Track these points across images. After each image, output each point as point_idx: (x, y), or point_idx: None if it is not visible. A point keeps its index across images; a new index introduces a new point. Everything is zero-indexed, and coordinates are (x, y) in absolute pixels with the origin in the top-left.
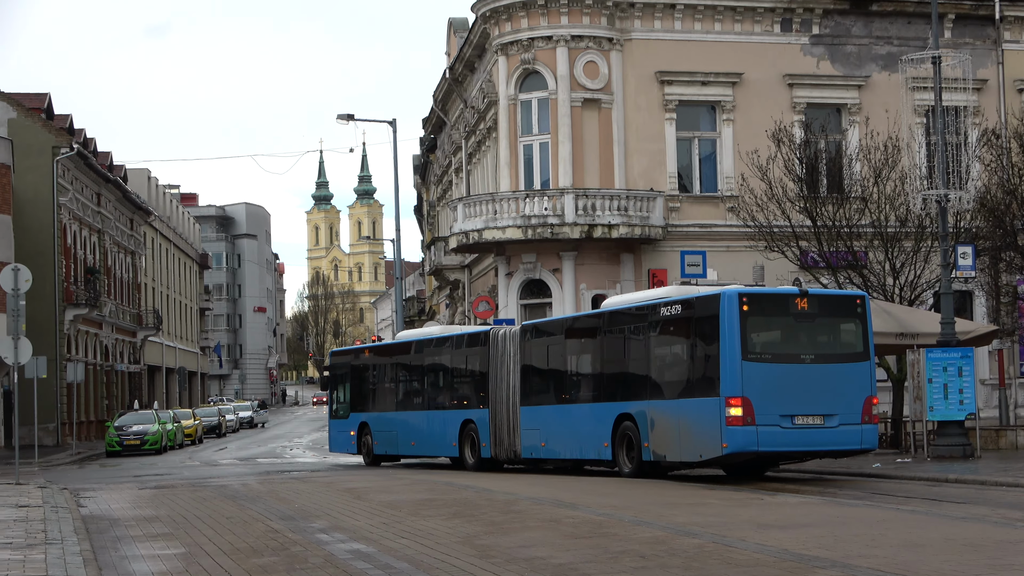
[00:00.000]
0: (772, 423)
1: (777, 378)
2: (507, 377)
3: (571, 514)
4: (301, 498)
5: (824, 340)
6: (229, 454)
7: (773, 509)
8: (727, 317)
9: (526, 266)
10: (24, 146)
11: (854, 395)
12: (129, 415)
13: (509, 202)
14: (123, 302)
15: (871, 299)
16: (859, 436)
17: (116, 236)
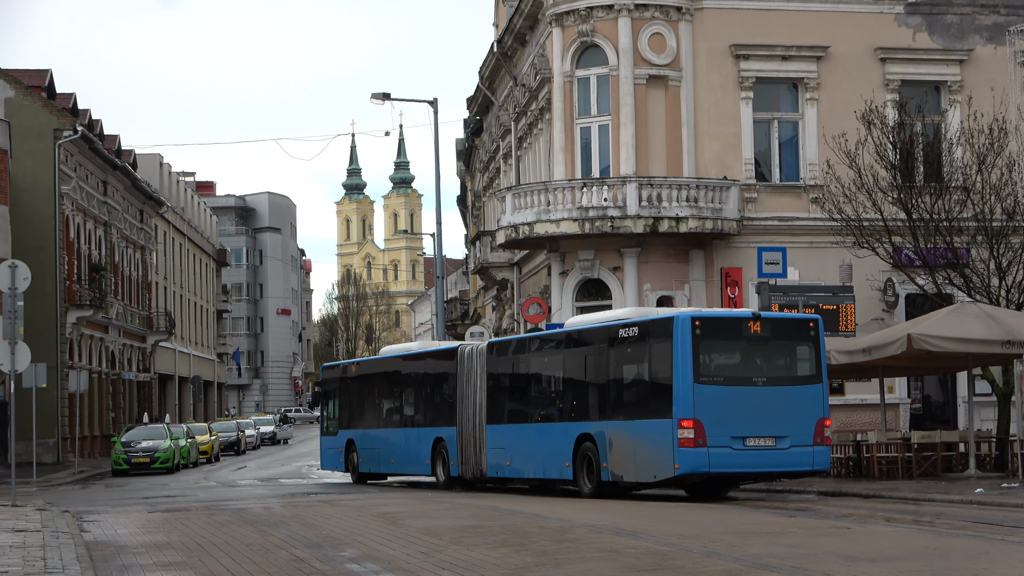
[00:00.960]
0: (724, 445)
1: (729, 400)
2: (474, 395)
3: (632, 544)
4: (329, 523)
5: (777, 363)
6: (249, 474)
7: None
8: (680, 340)
9: (583, 264)
10: (22, 128)
11: (806, 417)
12: (138, 430)
13: (564, 192)
14: (132, 303)
15: (975, 302)
16: (811, 458)
17: (124, 229)
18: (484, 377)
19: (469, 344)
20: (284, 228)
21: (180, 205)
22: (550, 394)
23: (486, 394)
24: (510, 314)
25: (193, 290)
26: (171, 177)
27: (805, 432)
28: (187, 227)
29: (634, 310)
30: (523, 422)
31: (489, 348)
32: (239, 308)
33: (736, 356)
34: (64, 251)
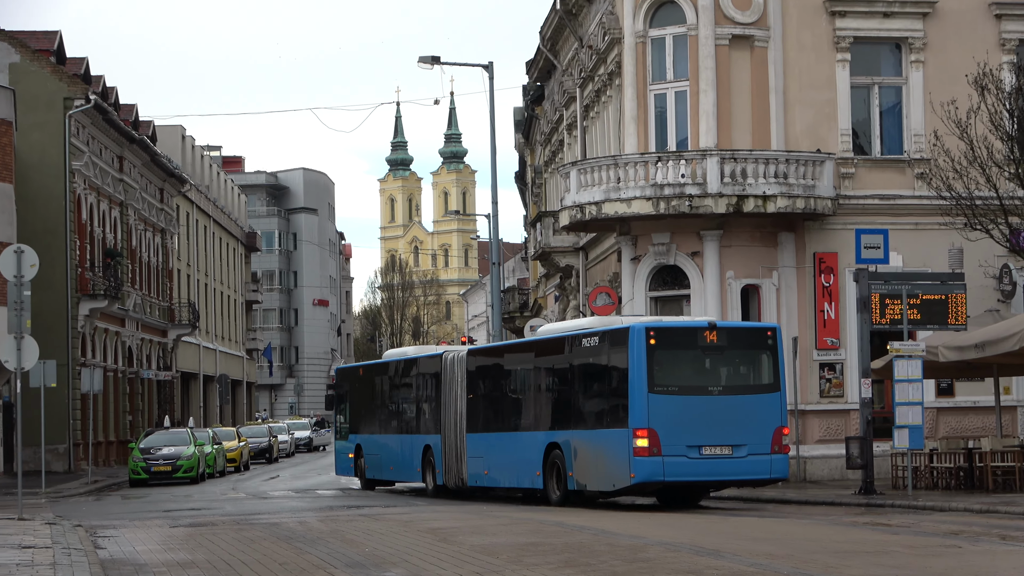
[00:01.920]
0: (679, 454)
1: (684, 410)
2: (455, 403)
3: (714, 564)
4: (373, 540)
5: (734, 372)
6: (282, 484)
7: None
8: (635, 350)
9: (657, 248)
10: (29, 97)
11: (764, 426)
12: (158, 434)
13: (636, 167)
14: (151, 293)
15: None
16: (768, 466)
17: (143, 210)
18: (465, 385)
19: (452, 350)
20: (321, 208)
21: (205, 183)
22: (523, 403)
23: (466, 402)
24: (575, 305)
25: (219, 278)
26: (195, 152)
27: (762, 440)
28: (212, 207)
29: (596, 320)
30: (499, 430)
31: (469, 355)
32: (271, 298)
33: (692, 365)
34: (75, 235)
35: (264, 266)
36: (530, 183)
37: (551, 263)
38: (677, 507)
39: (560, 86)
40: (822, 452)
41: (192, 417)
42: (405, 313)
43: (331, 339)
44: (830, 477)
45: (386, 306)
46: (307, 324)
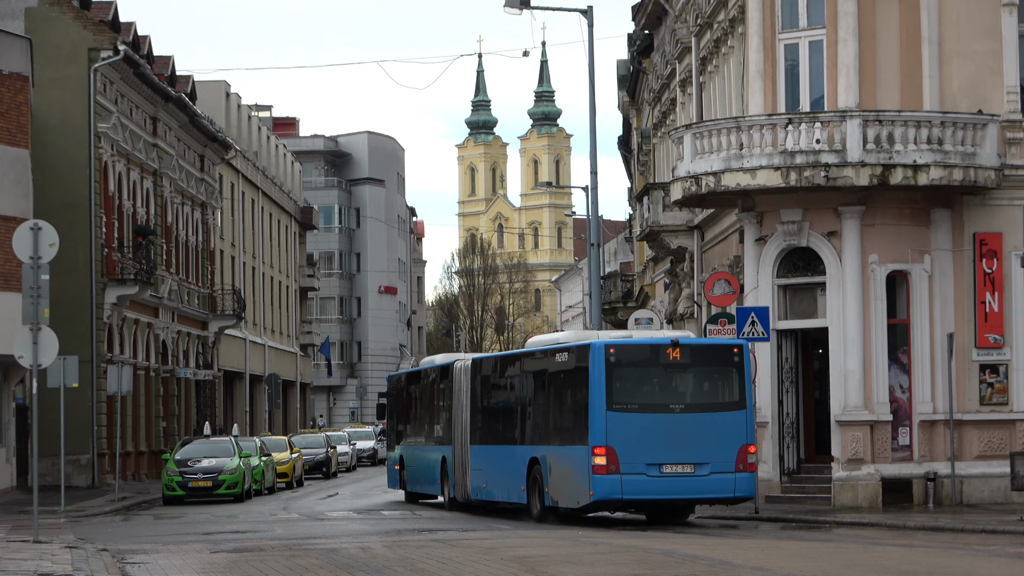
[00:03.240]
0: (638, 472)
1: (644, 428)
2: (462, 415)
3: None
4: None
5: (697, 389)
6: (342, 503)
7: None
8: (595, 368)
9: (787, 228)
10: (48, 48)
11: (728, 444)
12: (197, 444)
13: (762, 131)
14: (189, 278)
15: None
16: (732, 484)
17: (180, 180)
18: (469, 396)
19: (463, 359)
20: (389, 180)
21: (252, 149)
22: (513, 416)
23: (469, 414)
24: (688, 294)
25: (269, 261)
26: (240, 112)
27: (726, 459)
28: (261, 178)
29: (573, 334)
30: (495, 443)
31: (473, 365)
32: (329, 285)
33: (653, 383)
34: (101, 209)
35: (322, 247)
36: (636, 150)
37: (660, 244)
38: (665, 524)
39: (672, 35)
40: (981, 470)
41: (236, 424)
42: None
43: (399, 333)
44: (991, 500)
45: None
46: (372, 315)
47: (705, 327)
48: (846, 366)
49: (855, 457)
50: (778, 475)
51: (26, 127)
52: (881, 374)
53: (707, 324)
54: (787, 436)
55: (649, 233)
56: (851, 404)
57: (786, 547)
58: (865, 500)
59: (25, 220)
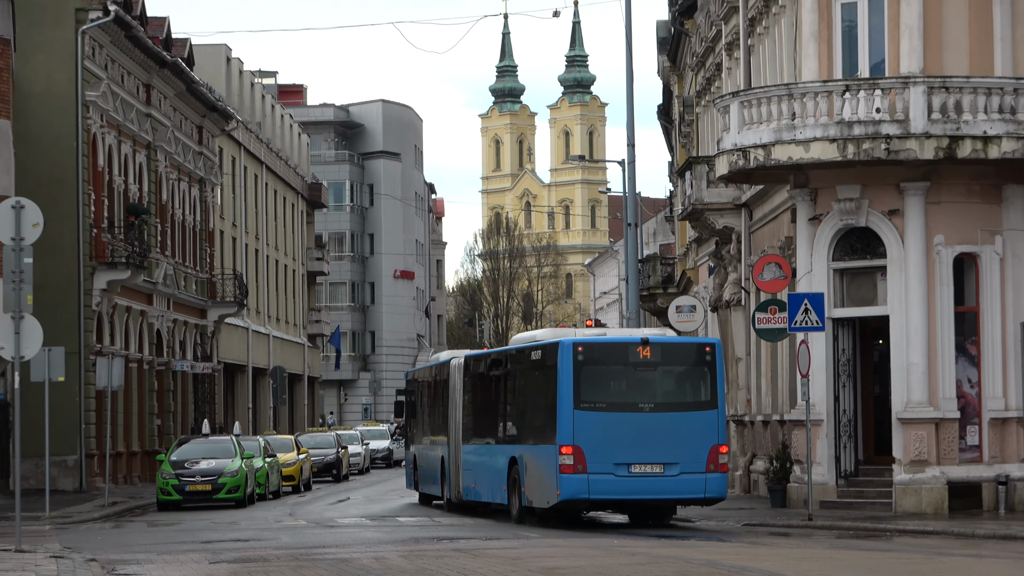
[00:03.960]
0: (606, 471)
1: (612, 427)
2: (455, 413)
3: None
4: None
5: (667, 389)
6: (353, 508)
7: None
8: (563, 366)
9: (844, 206)
10: (31, 8)
11: (698, 444)
12: (194, 444)
13: (817, 99)
14: (187, 261)
15: None
16: (702, 485)
17: (176, 154)
18: (461, 394)
19: (457, 358)
20: (405, 153)
21: (256, 119)
22: (496, 415)
23: (461, 412)
24: (735, 279)
25: (274, 243)
26: (243, 79)
27: (696, 459)
28: (265, 151)
29: (550, 331)
30: (482, 442)
31: (465, 363)
32: (340, 269)
33: (622, 382)
34: (90, 186)
35: (332, 227)
36: (677, 120)
37: (704, 224)
38: (647, 524)
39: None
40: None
41: (238, 422)
42: (513, 289)
43: (417, 322)
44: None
45: (489, 279)
46: (387, 303)
47: (753, 315)
48: (909, 358)
49: (918, 458)
50: (833, 478)
51: (7, 95)
52: (947, 367)
53: (755, 312)
54: (843, 435)
55: (692, 212)
56: (914, 400)
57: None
58: (929, 506)
59: (6, 197)
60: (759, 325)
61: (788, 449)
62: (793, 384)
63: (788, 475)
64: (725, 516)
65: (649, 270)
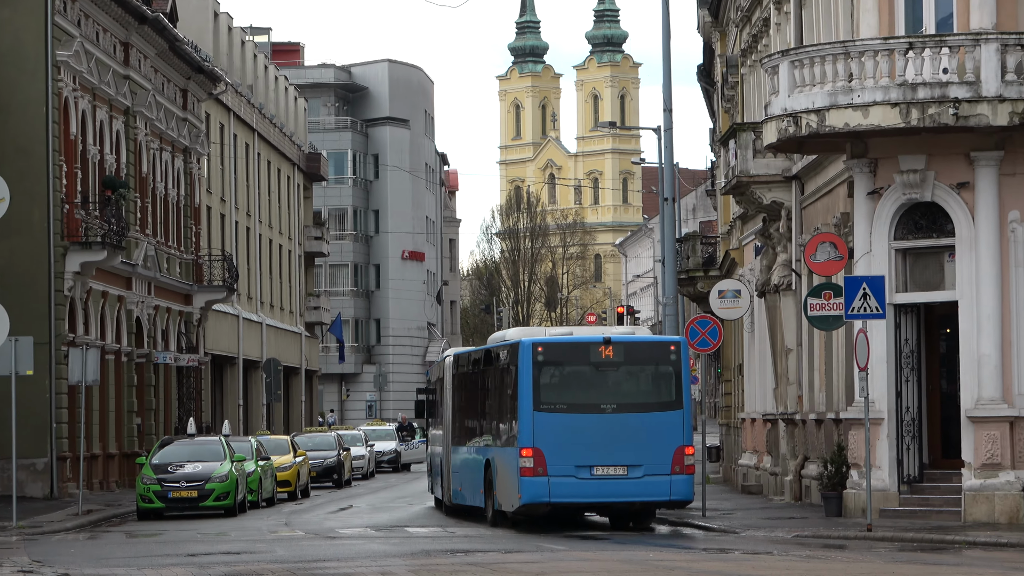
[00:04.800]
0: (567, 474)
1: (573, 428)
2: (446, 413)
3: None
4: None
5: (630, 389)
6: (357, 518)
7: None
8: (523, 367)
9: (907, 178)
10: None
11: (663, 445)
12: (178, 445)
13: (877, 58)
14: (169, 241)
15: None
16: (667, 487)
17: (157, 121)
18: (451, 394)
19: (449, 355)
20: (415, 120)
21: (247, 82)
22: (476, 416)
23: (451, 413)
24: (784, 261)
25: (268, 220)
26: (232, 37)
27: (661, 461)
28: (258, 118)
29: (518, 331)
30: (466, 444)
31: (454, 360)
32: (341, 249)
33: (584, 382)
34: (61, 156)
35: (332, 203)
36: (720, 82)
37: (750, 199)
38: (627, 528)
39: None
40: None
41: (228, 421)
42: (535, 272)
43: (428, 309)
44: None
45: (508, 261)
46: (393, 287)
47: (805, 301)
48: (980, 349)
49: (991, 461)
50: (895, 483)
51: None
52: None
53: (808, 297)
54: (906, 436)
55: (736, 185)
56: (986, 396)
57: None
58: (1003, 515)
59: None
60: (812, 312)
61: (844, 451)
62: (850, 378)
63: (844, 480)
64: (774, 526)
65: (688, 250)
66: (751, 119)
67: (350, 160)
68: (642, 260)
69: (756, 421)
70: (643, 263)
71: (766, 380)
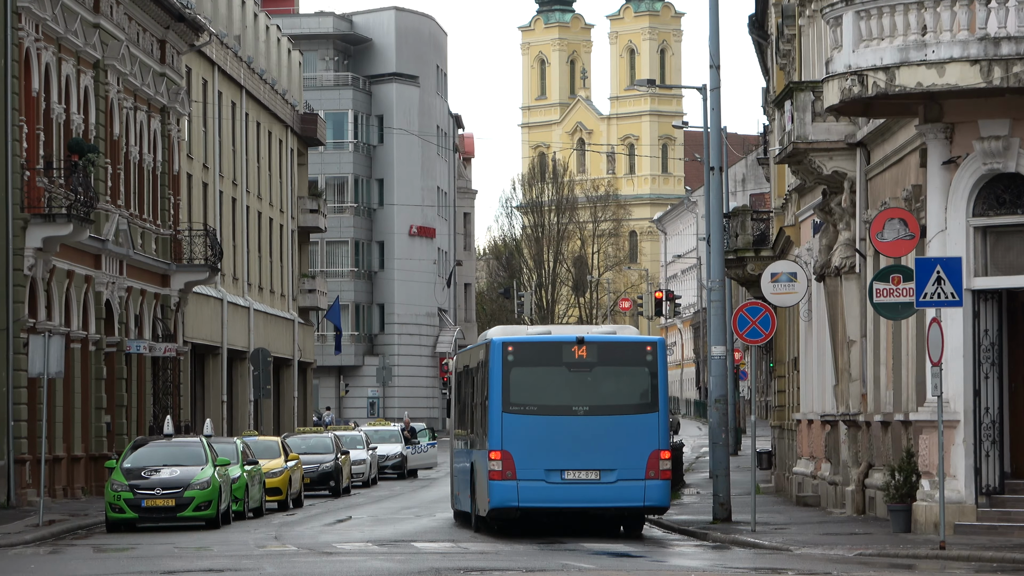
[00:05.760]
0: (536, 478)
1: (544, 431)
2: (453, 413)
3: None
4: None
5: (604, 390)
6: (357, 530)
7: None
8: (493, 367)
9: (988, 146)
10: None
11: (637, 449)
12: (154, 447)
13: (953, 8)
14: (144, 213)
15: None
16: (641, 493)
17: (131, 76)
18: (455, 393)
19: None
20: (425, 76)
21: (233, 32)
22: (466, 418)
23: (457, 413)
24: (847, 240)
25: (256, 190)
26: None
27: (635, 465)
28: (246, 73)
29: (500, 329)
30: (460, 447)
31: (458, 358)
32: (340, 224)
33: (556, 383)
34: (22, 116)
35: (330, 171)
36: (775, 35)
37: (808, 169)
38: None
39: None
40: None
41: (210, 420)
42: (562, 251)
43: (438, 293)
44: None
45: (530, 239)
46: (400, 268)
47: (871, 286)
48: None
49: None
50: (972, 495)
51: None
52: None
53: (873, 282)
54: (985, 441)
55: (792, 152)
56: None
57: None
58: None
59: None
60: (878, 299)
61: (914, 458)
62: (921, 375)
63: (914, 491)
64: (833, 543)
65: (736, 227)
66: (810, 77)
67: (351, 122)
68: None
69: (813, 423)
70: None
71: (825, 376)
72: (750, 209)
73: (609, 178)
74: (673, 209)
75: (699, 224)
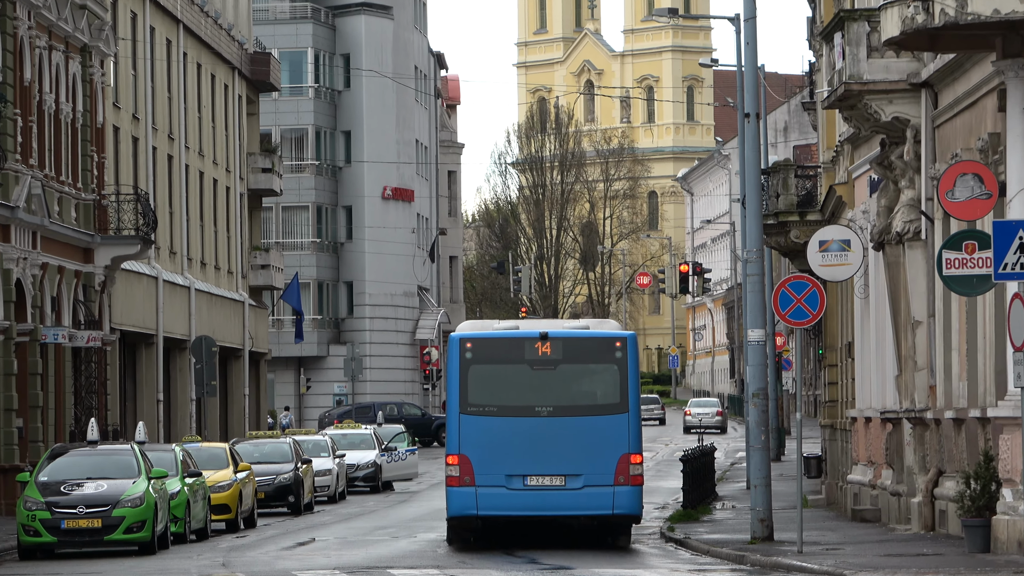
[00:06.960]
0: (497, 484)
1: (504, 434)
2: None
3: None
4: None
5: (570, 390)
6: (321, 556)
7: None
8: (451, 365)
9: None
10: None
11: (605, 453)
12: (76, 456)
13: None
14: (62, 175)
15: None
16: (610, 499)
17: (45, 8)
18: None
19: None
20: (399, 6)
21: None
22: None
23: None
24: (911, 200)
25: (197, 146)
26: None
27: (603, 470)
28: (183, 4)
29: (469, 324)
30: None
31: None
32: (299, 186)
33: (518, 382)
34: None
35: (286, 121)
36: None
37: (864, 115)
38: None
39: None
40: None
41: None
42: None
43: (418, 268)
44: None
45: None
46: (371, 238)
47: (940, 255)
48: None
49: None
50: None
51: None
52: None
53: (943, 250)
54: None
55: (844, 95)
56: None
57: None
58: None
59: None
60: (949, 270)
61: (993, 463)
62: (1001, 362)
63: (993, 503)
64: (897, 566)
65: (778, 186)
66: (865, 4)
67: (311, 63)
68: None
69: (872, 421)
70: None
71: (886, 365)
72: (793, 164)
73: (623, 128)
74: (701, 165)
75: (732, 183)
